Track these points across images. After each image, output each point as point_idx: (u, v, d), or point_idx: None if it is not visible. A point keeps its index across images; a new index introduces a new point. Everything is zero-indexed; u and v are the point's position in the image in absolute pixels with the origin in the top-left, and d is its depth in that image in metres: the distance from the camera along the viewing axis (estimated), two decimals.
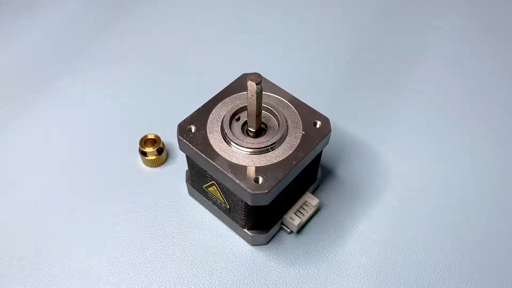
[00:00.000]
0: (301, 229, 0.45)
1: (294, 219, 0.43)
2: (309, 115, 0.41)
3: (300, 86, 0.54)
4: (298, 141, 0.39)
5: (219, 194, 0.42)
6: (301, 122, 0.41)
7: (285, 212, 0.43)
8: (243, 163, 0.38)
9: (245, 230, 0.43)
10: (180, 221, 0.45)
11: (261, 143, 0.39)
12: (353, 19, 0.64)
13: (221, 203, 0.43)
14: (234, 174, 0.37)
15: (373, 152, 0.50)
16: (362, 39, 0.62)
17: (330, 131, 0.40)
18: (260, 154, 0.38)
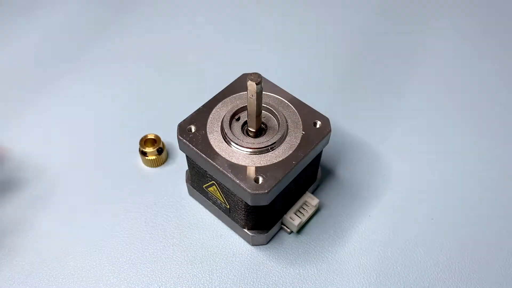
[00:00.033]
0: (301, 229, 0.45)
1: (294, 219, 0.43)
2: (309, 115, 0.41)
3: (300, 86, 0.54)
4: (298, 141, 0.39)
5: (219, 194, 0.42)
6: (301, 122, 0.41)
7: (285, 212, 0.43)
8: (243, 163, 0.38)
9: (245, 230, 0.43)
10: (180, 221, 0.45)
11: (261, 143, 0.39)
12: (353, 19, 0.64)
13: (221, 203, 0.43)
14: (234, 174, 0.37)
15: (373, 152, 0.50)
16: (362, 39, 0.62)
17: (330, 131, 0.40)
18: (260, 154, 0.38)
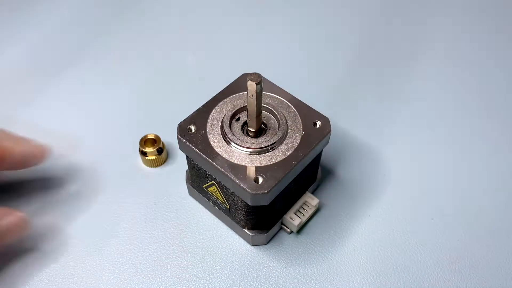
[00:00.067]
0: (301, 229, 0.45)
1: (294, 219, 0.43)
2: (309, 115, 0.41)
3: (300, 86, 0.54)
4: (298, 141, 0.39)
5: (219, 194, 0.42)
6: (301, 122, 0.40)
7: (285, 212, 0.43)
8: (243, 163, 0.38)
9: (245, 230, 0.43)
10: (180, 221, 0.45)
11: (261, 143, 0.39)
12: (354, 19, 0.64)
13: (221, 203, 0.43)
14: (234, 174, 0.37)
15: (373, 152, 0.50)
16: (362, 39, 0.62)
17: (330, 131, 0.40)
18: (260, 154, 0.38)
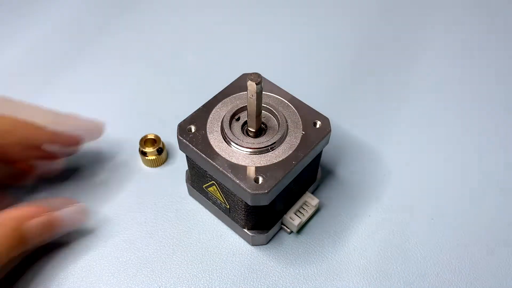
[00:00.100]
0: (301, 229, 0.45)
1: (294, 219, 0.43)
2: (309, 115, 0.41)
3: (300, 86, 0.54)
4: (298, 141, 0.39)
5: (219, 194, 0.42)
6: (301, 122, 0.40)
7: (285, 212, 0.43)
8: (243, 163, 0.38)
9: (245, 230, 0.43)
10: (180, 221, 0.45)
11: (261, 143, 0.39)
12: (354, 19, 0.64)
13: (221, 203, 0.43)
14: (234, 174, 0.37)
15: (373, 152, 0.50)
16: (362, 39, 0.62)
17: (330, 131, 0.40)
18: (260, 154, 0.38)
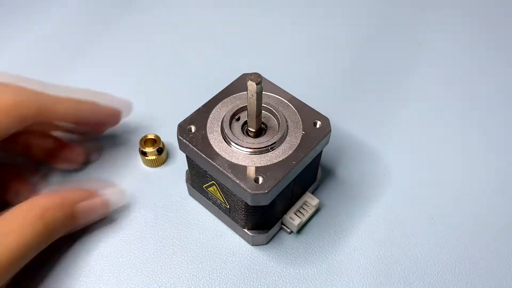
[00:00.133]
0: (301, 229, 0.45)
1: (294, 219, 0.43)
2: (309, 115, 0.41)
3: (300, 86, 0.53)
4: (298, 141, 0.39)
5: (219, 194, 0.42)
6: (301, 122, 0.40)
7: (285, 212, 0.43)
8: (243, 163, 0.38)
9: (245, 230, 0.43)
10: (180, 221, 0.45)
11: (261, 143, 0.39)
12: (354, 19, 0.64)
13: (221, 203, 0.43)
14: (234, 174, 0.37)
15: (373, 152, 0.50)
16: (363, 39, 0.62)
17: (330, 131, 0.40)
18: (260, 154, 0.38)
